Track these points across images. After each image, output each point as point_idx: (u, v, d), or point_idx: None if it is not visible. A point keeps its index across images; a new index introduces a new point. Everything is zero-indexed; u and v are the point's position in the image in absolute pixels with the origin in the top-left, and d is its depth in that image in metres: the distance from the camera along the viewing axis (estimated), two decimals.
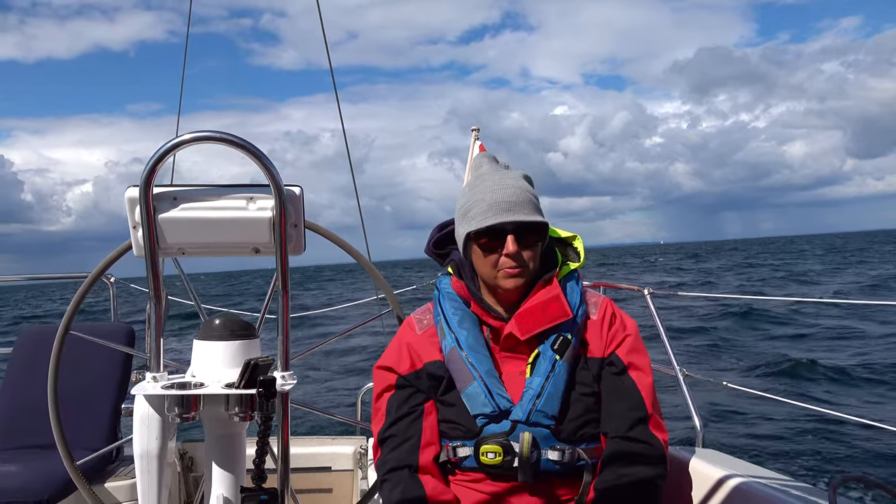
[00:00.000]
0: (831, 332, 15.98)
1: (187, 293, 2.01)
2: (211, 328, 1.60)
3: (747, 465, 2.08)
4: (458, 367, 1.64)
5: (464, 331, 1.67)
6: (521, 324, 1.63)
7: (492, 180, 1.67)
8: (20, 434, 2.80)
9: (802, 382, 11.36)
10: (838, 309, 18.37)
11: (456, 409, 1.65)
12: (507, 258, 1.62)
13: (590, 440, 1.64)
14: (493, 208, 1.61)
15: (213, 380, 1.52)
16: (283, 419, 1.56)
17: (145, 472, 1.50)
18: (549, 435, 1.59)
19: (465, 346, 1.65)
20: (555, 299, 1.64)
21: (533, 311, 1.63)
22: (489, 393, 1.60)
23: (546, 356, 1.62)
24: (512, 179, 1.67)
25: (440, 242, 1.86)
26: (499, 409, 1.59)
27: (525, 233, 1.63)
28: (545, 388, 1.59)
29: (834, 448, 7.53)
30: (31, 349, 3.01)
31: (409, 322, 1.83)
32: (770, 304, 20.06)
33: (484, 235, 1.64)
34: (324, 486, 2.85)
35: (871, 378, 11.32)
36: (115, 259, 1.98)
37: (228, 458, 1.59)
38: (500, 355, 1.67)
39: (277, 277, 1.52)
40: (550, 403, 1.59)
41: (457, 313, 1.71)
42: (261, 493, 1.38)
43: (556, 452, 1.59)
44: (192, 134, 1.40)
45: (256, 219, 1.48)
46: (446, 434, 1.67)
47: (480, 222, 1.62)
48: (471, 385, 1.61)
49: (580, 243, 1.79)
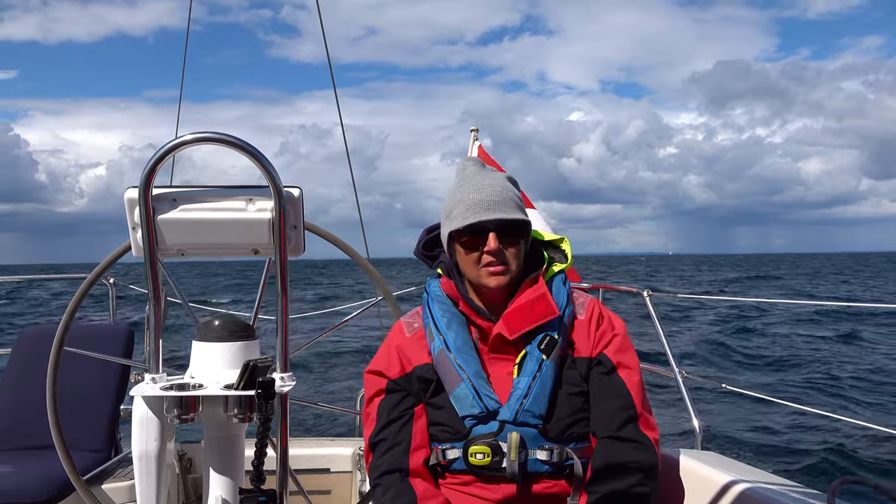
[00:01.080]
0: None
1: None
2: (210, 329, 1.59)
3: (746, 467, 2.08)
4: (447, 369, 1.65)
5: (452, 332, 1.68)
6: (509, 323, 1.64)
7: (474, 181, 1.68)
8: (19, 435, 2.79)
9: (803, 382, 11.36)
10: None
11: (445, 412, 1.65)
12: (488, 255, 1.63)
13: (578, 440, 1.64)
14: (473, 207, 1.63)
15: (211, 381, 1.52)
16: (282, 420, 1.56)
17: (144, 473, 1.49)
18: (536, 435, 1.60)
19: (453, 348, 1.66)
20: (541, 298, 1.65)
21: (520, 310, 1.64)
22: (477, 394, 1.60)
23: (533, 356, 1.63)
24: (493, 180, 1.68)
25: (429, 245, 1.87)
26: (487, 410, 1.60)
27: (506, 231, 1.64)
28: (532, 388, 1.60)
29: (834, 450, 7.52)
30: (31, 350, 3.00)
31: (398, 326, 1.84)
32: (772, 307, 20.07)
33: (465, 234, 1.65)
34: (323, 488, 2.85)
35: (874, 381, 11.33)
36: (115, 260, 1.97)
37: (227, 460, 1.59)
38: (488, 357, 1.68)
39: (276, 279, 1.52)
40: (538, 403, 1.60)
41: (445, 315, 1.72)
42: (259, 495, 1.38)
43: (544, 452, 1.59)
44: (192, 135, 1.40)
45: (256, 220, 1.48)
46: (435, 437, 1.68)
47: (461, 221, 1.63)
48: (459, 387, 1.62)
49: (567, 245, 1.80)
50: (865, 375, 11.73)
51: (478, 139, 5.64)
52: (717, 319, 19.46)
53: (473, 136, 5.66)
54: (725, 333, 17.11)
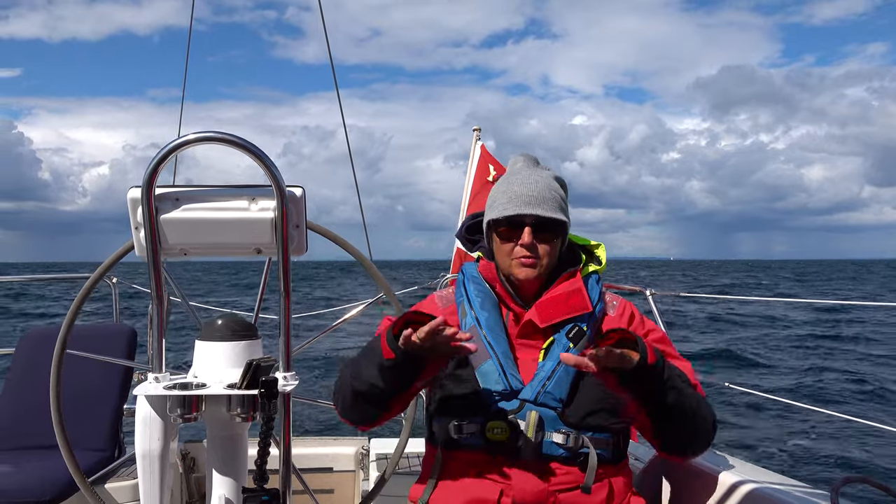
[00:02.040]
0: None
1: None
2: (213, 328, 1.59)
3: (749, 465, 2.08)
4: (476, 345, 1.66)
5: (485, 312, 1.73)
6: (542, 312, 1.68)
7: (522, 175, 1.74)
8: (22, 435, 2.80)
9: (804, 384, 11.34)
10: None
11: (467, 385, 1.67)
12: (521, 248, 1.68)
13: (595, 430, 1.64)
14: (514, 200, 1.68)
15: (214, 380, 1.52)
16: (284, 420, 1.56)
17: (147, 472, 1.49)
18: (555, 417, 1.62)
19: (484, 326, 1.70)
20: (577, 292, 1.70)
21: (555, 300, 1.69)
22: (503, 372, 1.64)
23: (560, 343, 1.67)
24: (540, 177, 1.73)
25: (471, 230, 1.93)
26: (510, 387, 1.63)
27: (543, 227, 1.69)
28: (556, 372, 1.63)
29: (836, 449, 7.51)
30: (34, 350, 3.01)
31: (430, 298, 1.89)
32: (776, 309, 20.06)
33: (503, 224, 1.70)
34: (326, 487, 2.85)
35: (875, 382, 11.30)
36: (117, 260, 1.97)
37: (230, 459, 1.59)
38: (517, 342, 1.71)
39: (279, 278, 1.52)
40: (560, 387, 1.62)
41: (479, 295, 1.76)
42: (262, 494, 1.38)
43: (560, 436, 1.61)
44: (195, 134, 1.40)
45: (258, 219, 1.48)
46: (455, 410, 1.68)
47: (501, 212, 1.69)
48: (486, 363, 1.66)
49: (603, 251, 1.85)
50: (865, 375, 11.72)
51: (480, 138, 5.65)
52: (719, 320, 19.45)
53: (476, 136, 5.67)
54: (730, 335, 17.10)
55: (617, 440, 1.68)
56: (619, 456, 1.70)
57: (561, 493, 1.60)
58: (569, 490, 1.61)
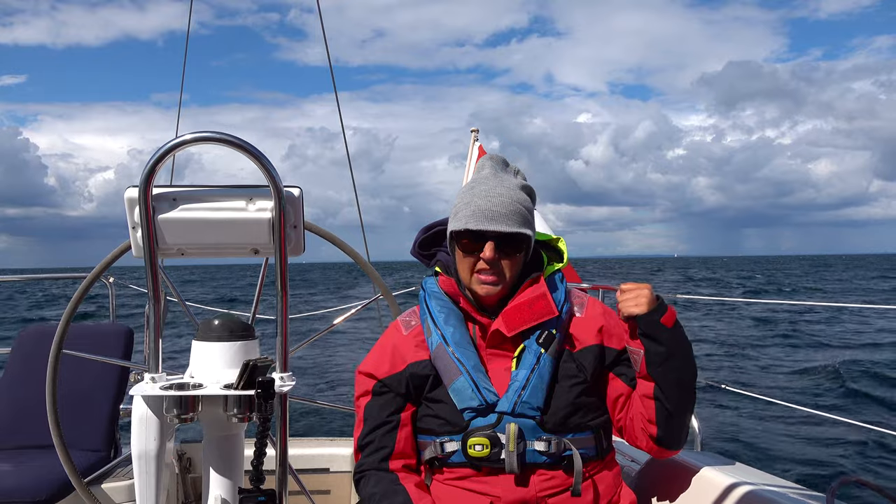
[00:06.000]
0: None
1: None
2: (209, 329, 1.59)
3: (745, 468, 2.08)
4: (445, 363, 1.67)
5: (450, 328, 1.70)
6: (508, 321, 1.65)
7: (487, 185, 1.68)
8: (18, 434, 2.79)
9: (803, 384, 11.36)
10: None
11: (443, 406, 1.67)
12: (483, 263, 1.64)
13: (576, 430, 1.65)
14: (476, 214, 1.63)
15: (211, 381, 1.52)
16: (281, 420, 1.56)
17: (143, 472, 1.49)
18: (534, 426, 1.62)
19: (451, 343, 1.68)
20: (541, 297, 1.67)
21: (520, 308, 1.66)
22: (476, 387, 1.62)
23: (531, 350, 1.66)
24: (506, 189, 1.67)
25: (425, 245, 1.88)
26: (485, 402, 1.61)
27: (506, 242, 1.65)
28: (530, 380, 1.62)
29: (832, 451, 7.52)
30: (30, 349, 3.00)
31: (395, 325, 1.85)
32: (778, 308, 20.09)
33: (465, 237, 1.66)
34: (322, 488, 2.85)
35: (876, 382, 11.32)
36: (114, 260, 1.97)
37: (227, 460, 1.59)
38: (486, 353, 1.70)
39: (276, 279, 1.52)
40: (535, 395, 1.62)
41: (443, 311, 1.73)
42: (259, 494, 1.38)
43: (542, 443, 1.61)
44: (192, 134, 1.40)
45: (256, 220, 1.48)
46: (434, 430, 1.69)
47: (463, 224, 1.64)
48: (458, 380, 1.64)
49: (563, 244, 1.83)
50: (865, 375, 11.73)
51: (478, 139, 5.67)
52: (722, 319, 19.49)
53: (474, 137, 5.69)
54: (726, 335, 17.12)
55: (599, 435, 1.69)
56: (604, 451, 1.70)
57: (550, 497, 1.61)
58: (557, 494, 1.61)
